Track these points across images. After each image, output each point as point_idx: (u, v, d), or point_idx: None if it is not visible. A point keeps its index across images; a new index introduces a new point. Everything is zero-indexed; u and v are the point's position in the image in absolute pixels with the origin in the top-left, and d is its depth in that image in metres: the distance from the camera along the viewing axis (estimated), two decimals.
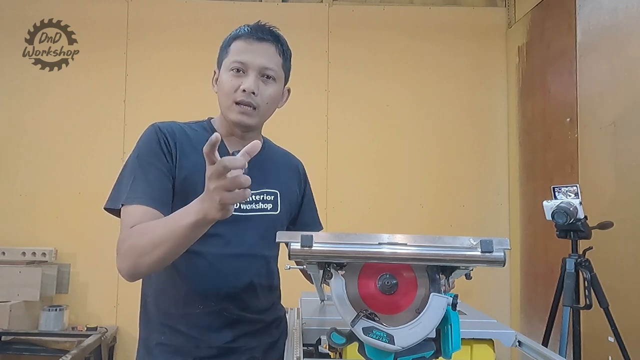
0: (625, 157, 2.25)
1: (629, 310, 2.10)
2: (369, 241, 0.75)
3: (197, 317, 1.10)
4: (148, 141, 1.10)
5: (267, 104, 1.13)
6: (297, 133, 3.22)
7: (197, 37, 3.37)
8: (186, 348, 1.10)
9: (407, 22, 3.50)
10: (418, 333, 0.75)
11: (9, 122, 3.33)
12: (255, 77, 1.10)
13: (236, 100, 1.10)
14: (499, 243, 0.74)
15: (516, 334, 1.11)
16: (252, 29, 1.13)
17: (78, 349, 2.65)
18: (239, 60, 1.10)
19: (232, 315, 1.13)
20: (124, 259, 0.98)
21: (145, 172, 1.06)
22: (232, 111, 1.11)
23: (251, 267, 1.16)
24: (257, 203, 1.16)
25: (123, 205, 1.04)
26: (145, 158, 1.08)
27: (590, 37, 2.54)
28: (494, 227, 3.35)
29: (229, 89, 1.11)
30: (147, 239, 0.95)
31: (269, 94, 1.13)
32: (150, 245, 0.94)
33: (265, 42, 1.12)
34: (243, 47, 1.11)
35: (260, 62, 1.10)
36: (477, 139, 3.43)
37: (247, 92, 1.09)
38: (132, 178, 1.06)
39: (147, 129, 1.13)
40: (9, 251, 3.11)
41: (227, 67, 1.12)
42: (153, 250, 0.93)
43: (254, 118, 1.12)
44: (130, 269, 0.97)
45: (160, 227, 0.95)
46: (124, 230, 1.01)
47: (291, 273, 1.13)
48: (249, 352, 1.15)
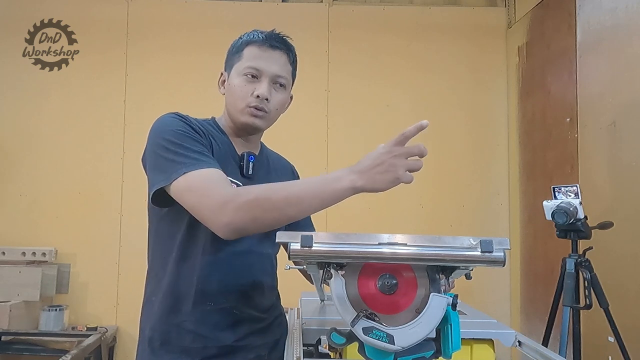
0: (625, 157, 2.25)
1: (629, 310, 2.10)
2: (369, 241, 0.75)
3: (207, 315, 1.10)
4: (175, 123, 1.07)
5: (276, 110, 1.18)
6: (297, 133, 3.23)
7: (197, 37, 3.37)
8: (193, 348, 1.09)
9: (407, 22, 3.50)
10: (418, 333, 0.75)
11: (9, 122, 3.33)
12: (269, 84, 1.14)
13: (249, 104, 1.13)
14: (499, 243, 0.74)
15: (516, 334, 1.11)
16: (266, 36, 1.16)
17: (78, 349, 2.65)
18: (254, 67, 1.14)
19: (241, 312, 1.13)
20: (240, 212, 0.94)
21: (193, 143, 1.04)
22: (244, 114, 1.14)
23: (259, 265, 1.18)
24: None
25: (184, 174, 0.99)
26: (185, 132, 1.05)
27: (590, 37, 2.54)
28: (494, 227, 3.35)
29: (242, 93, 1.14)
30: (281, 195, 0.95)
31: (279, 100, 1.17)
32: (284, 201, 0.94)
33: (279, 50, 1.16)
34: (257, 53, 1.15)
35: (274, 70, 1.15)
36: (477, 139, 3.43)
37: (261, 98, 1.13)
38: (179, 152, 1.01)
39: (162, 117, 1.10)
40: (9, 251, 3.11)
41: (239, 71, 1.15)
42: (286, 206, 0.94)
43: (264, 121, 1.17)
44: (246, 222, 0.94)
45: (298, 186, 0.98)
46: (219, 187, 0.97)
47: (291, 273, 1.13)
48: (255, 351, 1.15)
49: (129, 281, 3.23)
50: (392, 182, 0.92)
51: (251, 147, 1.22)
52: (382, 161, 0.92)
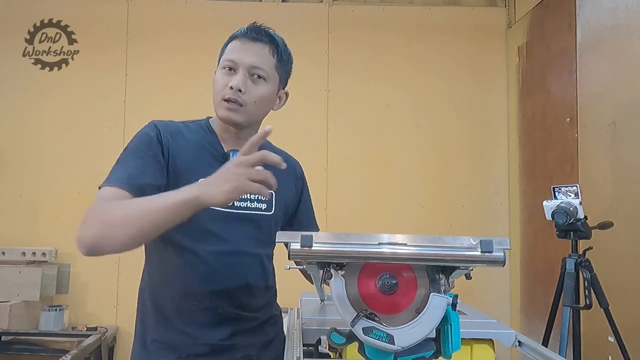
0: (625, 157, 2.25)
1: (629, 310, 2.10)
2: (369, 241, 0.75)
3: (192, 314, 1.11)
4: (142, 135, 1.12)
5: (255, 103, 1.14)
6: (297, 133, 3.23)
7: (197, 37, 3.37)
8: (181, 345, 1.10)
9: (407, 22, 3.50)
10: (418, 333, 0.75)
11: (9, 122, 3.34)
12: (244, 76, 1.11)
13: (224, 97, 1.12)
14: (499, 243, 0.74)
15: (516, 334, 1.11)
16: (247, 29, 1.15)
17: (78, 349, 2.65)
18: (230, 59, 1.13)
19: (227, 312, 1.13)
20: (90, 227, 0.93)
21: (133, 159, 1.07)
22: (220, 107, 1.13)
23: (245, 265, 1.17)
24: (252, 202, 1.17)
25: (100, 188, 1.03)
26: (135, 149, 1.10)
27: (590, 37, 2.54)
28: (494, 227, 3.35)
29: (218, 87, 1.13)
30: (124, 211, 0.92)
31: (258, 93, 1.13)
32: (126, 218, 0.91)
33: (259, 42, 1.14)
34: (237, 46, 1.14)
35: (250, 61, 1.12)
36: (477, 139, 3.43)
37: (234, 89, 1.10)
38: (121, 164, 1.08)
39: (145, 126, 1.15)
40: (9, 251, 3.11)
41: (220, 65, 1.15)
42: (127, 223, 0.90)
43: (240, 115, 1.13)
44: (94, 238, 0.92)
45: (141, 201, 0.94)
46: (94, 205, 0.98)
47: (291, 273, 1.13)
48: (243, 350, 1.15)
49: (129, 281, 3.21)
50: (230, 192, 0.87)
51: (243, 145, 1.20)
52: (225, 171, 0.90)
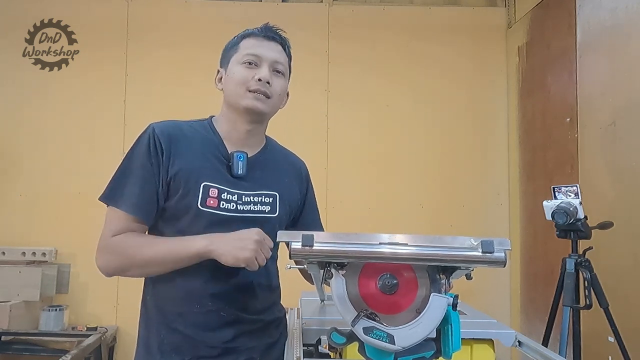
0: (625, 157, 2.25)
1: (629, 310, 2.10)
2: (370, 241, 0.75)
3: (195, 317, 1.11)
4: (140, 145, 1.13)
5: (279, 95, 1.19)
6: (297, 133, 3.22)
7: (197, 37, 3.37)
8: (185, 347, 1.10)
9: (407, 22, 3.50)
10: (418, 333, 0.75)
11: (9, 122, 3.33)
12: (269, 69, 1.16)
13: (250, 88, 1.14)
14: (500, 243, 0.74)
15: (516, 334, 1.11)
16: (262, 28, 1.20)
17: (78, 349, 2.65)
18: (253, 53, 1.16)
19: (230, 315, 1.13)
20: (114, 259, 1.08)
21: (135, 176, 1.10)
22: (245, 98, 1.14)
23: None
24: (255, 205, 1.16)
25: (109, 206, 1.11)
26: (137, 162, 1.11)
27: (590, 37, 2.54)
28: (494, 227, 3.35)
29: (241, 79, 1.15)
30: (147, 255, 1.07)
31: (280, 86, 1.18)
32: (149, 262, 1.07)
33: (274, 41, 1.19)
34: (255, 43, 1.17)
35: (273, 56, 1.17)
36: (477, 138, 3.43)
37: (263, 81, 1.14)
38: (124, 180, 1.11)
39: (143, 131, 1.15)
40: (9, 251, 3.11)
41: (238, 60, 1.17)
42: (148, 264, 1.07)
43: (267, 105, 1.16)
44: (116, 270, 1.09)
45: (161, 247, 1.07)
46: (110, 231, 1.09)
47: (291, 273, 1.13)
48: (247, 352, 1.14)
49: (129, 281, 3.18)
50: (238, 259, 1.00)
51: (249, 145, 1.20)
52: (247, 238, 1.01)
